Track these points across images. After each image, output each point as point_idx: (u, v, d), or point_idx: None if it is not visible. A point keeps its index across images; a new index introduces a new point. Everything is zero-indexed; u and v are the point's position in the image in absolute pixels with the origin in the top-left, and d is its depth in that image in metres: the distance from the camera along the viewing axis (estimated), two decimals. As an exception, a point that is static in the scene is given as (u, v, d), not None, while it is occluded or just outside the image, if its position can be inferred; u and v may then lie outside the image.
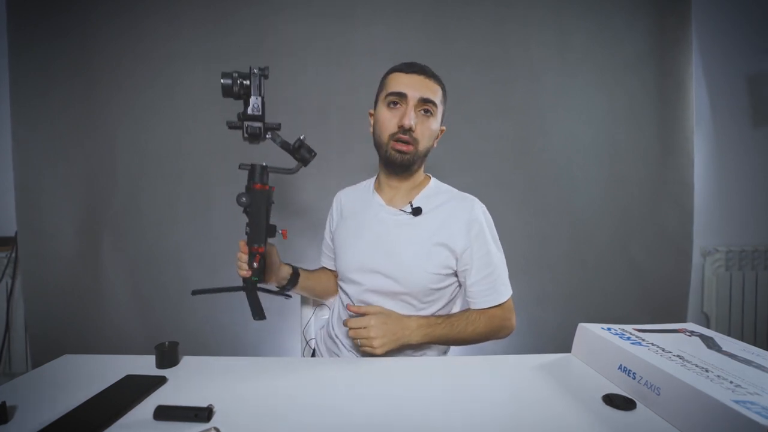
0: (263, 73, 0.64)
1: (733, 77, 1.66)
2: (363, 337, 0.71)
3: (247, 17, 1.48)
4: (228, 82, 0.62)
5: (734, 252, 1.64)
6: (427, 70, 0.81)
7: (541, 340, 1.49)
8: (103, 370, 0.63)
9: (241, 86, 0.63)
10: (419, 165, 0.84)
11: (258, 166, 0.68)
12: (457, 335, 0.77)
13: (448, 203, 0.83)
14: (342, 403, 0.53)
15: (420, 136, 0.78)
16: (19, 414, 0.51)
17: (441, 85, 0.82)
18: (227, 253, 0.82)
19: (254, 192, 0.67)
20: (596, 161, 1.52)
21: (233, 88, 0.63)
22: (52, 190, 1.49)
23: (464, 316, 0.79)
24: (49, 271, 1.48)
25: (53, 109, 1.48)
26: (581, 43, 1.50)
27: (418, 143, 0.78)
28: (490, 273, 0.79)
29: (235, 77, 0.63)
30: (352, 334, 0.72)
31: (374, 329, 0.71)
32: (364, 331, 0.71)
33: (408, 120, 0.76)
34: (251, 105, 0.64)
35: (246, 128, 0.65)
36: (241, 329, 1.50)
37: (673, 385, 0.47)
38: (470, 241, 0.79)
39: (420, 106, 0.78)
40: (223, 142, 1.49)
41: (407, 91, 0.77)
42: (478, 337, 0.79)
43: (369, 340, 0.70)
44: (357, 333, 0.71)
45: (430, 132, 0.80)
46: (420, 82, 0.78)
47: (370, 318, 0.72)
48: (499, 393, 0.56)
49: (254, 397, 0.55)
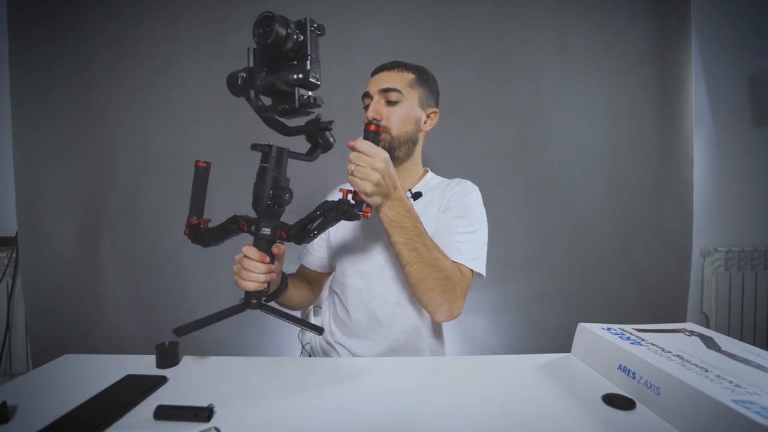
0: (320, 31, 0.50)
1: (733, 77, 1.66)
2: (366, 166, 0.59)
3: (247, 17, 1.47)
4: (283, 32, 0.46)
5: (734, 252, 1.64)
6: (390, 64, 0.85)
7: (541, 340, 1.49)
8: (103, 370, 0.63)
9: (296, 42, 0.48)
10: (405, 152, 0.84)
11: (278, 148, 0.56)
12: (420, 246, 0.67)
13: (445, 186, 0.87)
14: (342, 403, 0.53)
15: (389, 123, 0.81)
16: (20, 414, 0.51)
17: (412, 72, 0.84)
18: (227, 252, 0.82)
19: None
20: (596, 161, 1.52)
21: (287, 43, 0.47)
22: (52, 190, 1.49)
23: (435, 244, 0.71)
24: (50, 271, 1.48)
25: (53, 109, 1.48)
26: (581, 43, 1.50)
27: (389, 130, 0.81)
28: (454, 231, 0.79)
29: (292, 28, 0.47)
30: (354, 159, 0.60)
31: (381, 165, 0.60)
32: (370, 160, 0.59)
33: (370, 113, 0.80)
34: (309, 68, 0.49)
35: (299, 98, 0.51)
36: (241, 329, 1.50)
37: (672, 385, 0.47)
38: (454, 202, 0.82)
39: (383, 97, 0.81)
40: (222, 142, 1.49)
41: (370, 88, 0.83)
42: (434, 271, 0.68)
43: (370, 172, 0.59)
44: (361, 159, 0.60)
45: (397, 117, 0.81)
46: (382, 77, 0.83)
47: (384, 153, 0.61)
48: (498, 393, 0.56)
49: (254, 397, 0.55)
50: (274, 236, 0.58)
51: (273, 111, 0.54)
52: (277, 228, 0.58)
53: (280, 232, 0.58)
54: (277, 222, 0.59)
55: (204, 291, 1.49)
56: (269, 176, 0.56)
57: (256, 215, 0.59)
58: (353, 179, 0.60)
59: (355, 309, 0.85)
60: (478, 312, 1.49)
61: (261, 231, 0.57)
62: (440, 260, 0.69)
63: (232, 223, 0.61)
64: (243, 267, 0.58)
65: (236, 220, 0.60)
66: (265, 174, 0.56)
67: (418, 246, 0.67)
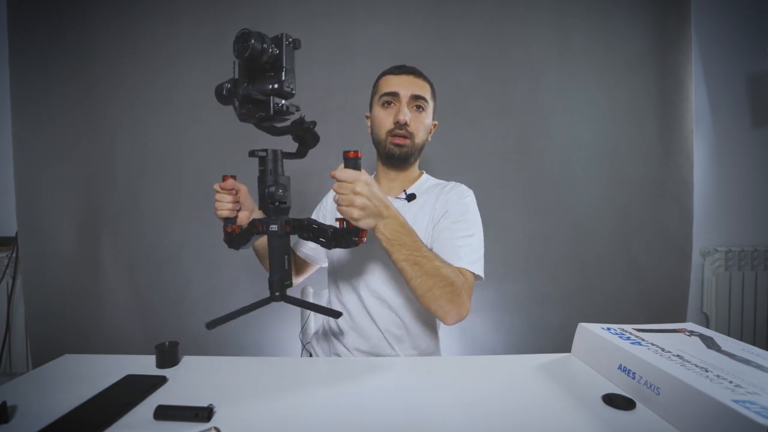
0: (295, 45, 0.54)
1: (733, 77, 1.65)
2: (348, 193, 0.59)
3: (247, 17, 1.48)
4: (258, 46, 0.50)
5: (734, 252, 1.64)
6: (415, 70, 0.87)
7: (541, 340, 1.49)
8: (103, 369, 0.63)
9: (271, 55, 0.52)
10: (416, 157, 0.90)
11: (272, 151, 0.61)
12: (422, 259, 0.68)
13: (440, 189, 0.89)
14: (342, 403, 0.53)
15: (415, 130, 0.84)
16: (20, 414, 0.51)
17: (429, 83, 0.88)
18: (227, 252, 0.82)
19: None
20: (596, 161, 1.52)
21: (262, 57, 0.51)
22: (52, 190, 1.49)
23: (434, 254, 0.72)
24: (50, 271, 1.48)
25: (53, 109, 1.48)
26: (581, 43, 1.50)
27: (413, 136, 0.84)
28: (453, 237, 0.79)
29: (268, 43, 0.51)
30: (337, 188, 0.60)
31: (364, 189, 0.60)
32: (351, 186, 0.59)
33: (403, 116, 0.82)
34: (284, 79, 0.53)
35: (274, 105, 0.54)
36: (241, 329, 1.50)
37: (672, 385, 0.47)
38: (451, 207, 0.84)
39: (412, 103, 0.84)
40: (222, 142, 1.49)
41: (399, 90, 0.84)
42: (438, 281, 0.69)
43: (354, 197, 0.59)
44: (342, 187, 0.60)
45: (423, 125, 0.86)
46: (410, 81, 0.85)
47: (364, 176, 0.61)
48: (498, 393, 0.56)
49: (254, 397, 0.55)
50: (282, 231, 0.63)
51: (252, 119, 0.58)
52: (285, 224, 0.63)
53: (285, 227, 0.63)
54: (284, 218, 0.63)
55: (204, 291, 1.49)
56: (268, 178, 0.61)
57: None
58: (340, 208, 0.60)
59: (352, 306, 0.87)
60: (478, 312, 1.49)
61: (269, 228, 0.63)
62: (442, 269, 0.69)
63: (252, 226, 0.67)
64: (217, 200, 0.74)
65: (254, 224, 0.66)
66: (265, 176, 0.62)
67: (420, 259, 0.68)
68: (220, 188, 0.75)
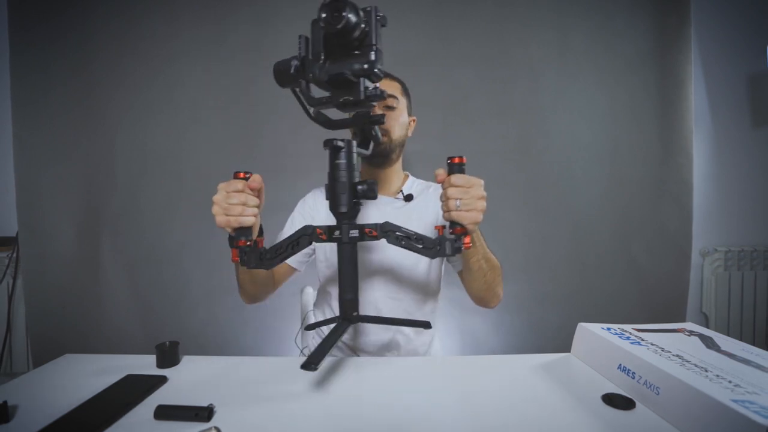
0: (383, 22, 0.48)
1: (732, 77, 1.65)
2: (471, 197, 0.57)
3: (247, 17, 1.48)
4: (354, 18, 0.43)
5: (733, 252, 1.64)
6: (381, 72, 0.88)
7: (541, 340, 1.49)
8: (103, 369, 0.63)
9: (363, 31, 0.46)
10: (398, 154, 0.90)
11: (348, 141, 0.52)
12: (488, 253, 0.73)
13: (434, 190, 0.92)
14: (342, 403, 0.54)
15: (389, 127, 0.86)
16: (20, 414, 0.51)
17: (398, 81, 0.91)
18: (227, 252, 0.82)
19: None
20: (596, 161, 1.52)
21: (354, 31, 0.44)
22: (52, 190, 1.49)
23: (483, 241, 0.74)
24: (50, 271, 1.48)
25: (53, 109, 1.48)
26: (581, 43, 1.50)
27: (389, 133, 0.86)
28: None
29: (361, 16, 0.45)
30: (454, 194, 0.57)
31: (485, 193, 0.59)
32: (472, 191, 0.57)
33: None
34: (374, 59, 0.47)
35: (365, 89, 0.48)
36: (241, 329, 1.50)
37: (672, 385, 0.47)
38: None
39: (383, 102, 0.85)
40: (222, 142, 1.49)
41: None
42: (497, 269, 0.76)
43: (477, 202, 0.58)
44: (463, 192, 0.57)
45: (398, 123, 0.87)
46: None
47: (480, 180, 0.60)
48: (498, 393, 0.56)
49: (254, 397, 0.55)
50: (363, 237, 0.52)
51: (330, 103, 0.50)
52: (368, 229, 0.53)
53: (370, 231, 0.52)
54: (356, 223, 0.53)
55: (204, 291, 1.49)
56: (345, 173, 0.51)
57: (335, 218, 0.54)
58: (460, 213, 0.57)
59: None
60: (478, 312, 1.49)
61: (350, 234, 0.52)
62: (493, 257, 0.75)
63: (302, 234, 0.54)
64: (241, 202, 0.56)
65: (309, 230, 0.53)
66: (338, 171, 0.51)
67: (488, 254, 0.73)
68: (249, 187, 0.58)
